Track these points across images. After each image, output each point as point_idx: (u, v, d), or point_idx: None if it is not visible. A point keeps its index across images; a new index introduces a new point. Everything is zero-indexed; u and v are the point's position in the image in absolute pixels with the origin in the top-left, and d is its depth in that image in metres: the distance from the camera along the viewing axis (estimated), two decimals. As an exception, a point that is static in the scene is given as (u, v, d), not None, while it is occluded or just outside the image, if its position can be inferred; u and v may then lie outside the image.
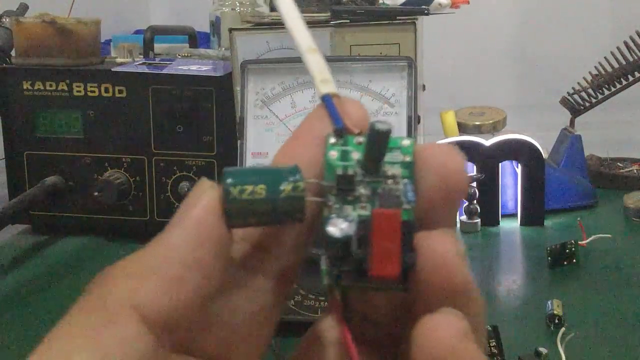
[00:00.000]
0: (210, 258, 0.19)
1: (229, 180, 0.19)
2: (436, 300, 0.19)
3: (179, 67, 0.76)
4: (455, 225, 0.72)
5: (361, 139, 0.21)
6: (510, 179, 0.80)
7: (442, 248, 0.19)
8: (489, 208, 0.78)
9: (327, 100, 0.21)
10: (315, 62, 0.21)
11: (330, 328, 0.21)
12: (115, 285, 0.18)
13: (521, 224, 0.79)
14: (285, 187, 0.19)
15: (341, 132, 0.21)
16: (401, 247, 0.19)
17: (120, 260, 0.19)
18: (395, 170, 0.20)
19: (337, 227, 0.19)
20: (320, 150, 0.21)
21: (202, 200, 0.19)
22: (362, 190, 0.20)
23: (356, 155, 0.20)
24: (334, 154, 0.20)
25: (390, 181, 0.20)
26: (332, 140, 0.21)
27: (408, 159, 0.20)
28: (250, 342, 0.21)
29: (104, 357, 0.17)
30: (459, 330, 0.18)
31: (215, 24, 1.05)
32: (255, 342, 0.21)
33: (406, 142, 0.21)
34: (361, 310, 0.22)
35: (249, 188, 0.19)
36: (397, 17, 0.62)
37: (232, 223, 0.19)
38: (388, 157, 0.20)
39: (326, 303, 0.22)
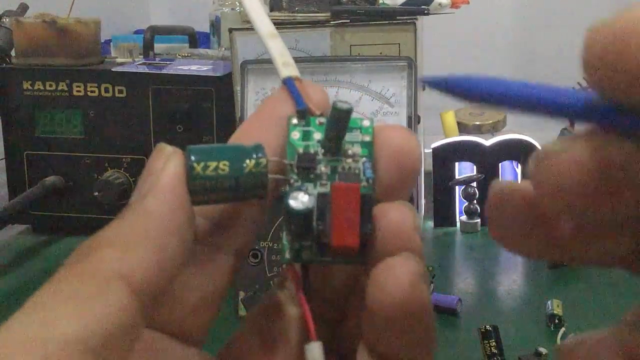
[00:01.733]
0: (186, 225, 0.19)
1: (193, 157, 0.20)
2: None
3: (179, 67, 0.76)
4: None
5: (323, 119, 0.21)
6: (510, 179, 0.80)
7: (399, 217, 0.20)
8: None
9: (289, 83, 0.22)
10: (276, 47, 0.22)
11: (287, 301, 0.22)
12: (102, 255, 0.18)
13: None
14: (249, 163, 0.20)
15: (303, 114, 0.21)
16: (360, 218, 0.20)
17: (101, 230, 0.19)
18: (355, 149, 0.21)
19: (298, 201, 0.20)
20: (281, 130, 0.21)
21: (170, 167, 0.19)
22: (322, 169, 0.21)
23: (317, 135, 0.21)
24: (296, 134, 0.21)
25: (349, 160, 0.21)
26: (295, 121, 0.21)
27: (367, 138, 0.21)
28: (202, 315, 0.21)
29: (93, 326, 0.16)
30: (417, 270, 0.19)
31: (215, 24, 1.05)
32: (207, 316, 0.21)
33: (366, 122, 0.21)
34: (317, 288, 0.22)
35: (213, 164, 0.20)
36: (397, 17, 0.62)
37: (196, 199, 0.20)
38: (348, 136, 0.21)
39: (281, 276, 0.22)
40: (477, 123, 0.83)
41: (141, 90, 0.73)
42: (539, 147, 0.77)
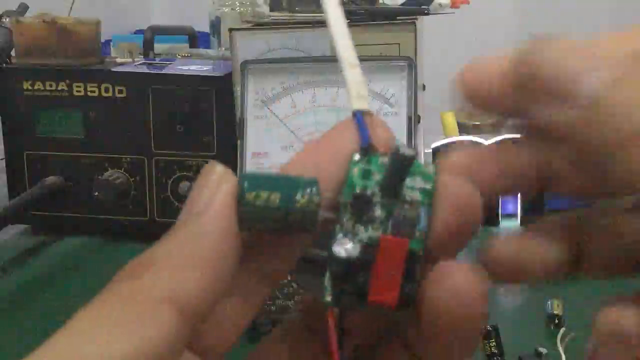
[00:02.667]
0: (235, 249, 0.19)
1: (245, 185, 0.19)
2: (445, 331, 0.19)
3: (179, 67, 0.76)
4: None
5: (385, 160, 0.20)
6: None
7: (466, 286, 0.19)
8: (489, 208, 0.78)
9: (359, 117, 0.21)
10: (354, 77, 0.21)
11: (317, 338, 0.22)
12: (153, 275, 0.18)
13: (521, 224, 0.79)
14: (301, 198, 0.19)
15: (367, 151, 0.20)
16: (403, 276, 0.19)
17: (153, 246, 0.18)
18: (414, 195, 0.20)
19: (343, 247, 0.19)
20: (342, 164, 0.20)
21: (223, 189, 0.19)
22: (377, 212, 0.20)
23: (377, 176, 0.20)
24: (355, 171, 0.20)
25: (407, 206, 0.20)
26: (356, 157, 0.20)
27: (429, 186, 0.20)
28: (230, 340, 0.21)
29: (142, 348, 0.16)
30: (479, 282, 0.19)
31: (215, 24, 1.05)
32: (232, 341, 0.21)
33: (430, 168, 0.20)
34: (352, 332, 0.22)
35: (264, 195, 0.19)
36: (397, 17, 0.62)
37: (242, 226, 0.19)
38: (409, 181, 0.20)
39: (321, 319, 0.22)
40: (477, 123, 0.83)
41: (141, 90, 0.73)
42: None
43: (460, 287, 0.19)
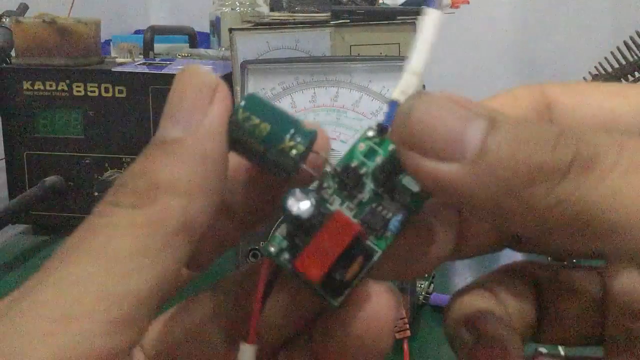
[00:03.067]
0: (226, 169, 0.19)
1: (243, 103, 0.19)
2: (352, 346, 0.19)
3: (179, 67, 0.76)
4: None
5: (394, 148, 0.20)
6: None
7: (384, 310, 0.19)
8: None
9: (392, 104, 0.20)
10: (409, 80, 0.21)
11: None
12: (162, 205, 0.17)
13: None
14: (287, 141, 0.18)
15: (383, 132, 0.20)
16: (338, 259, 0.18)
17: (150, 162, 0.19)
18: (404, 197, 0.19)
19: (298, 204, 0.18)
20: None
21: (220, 108, 0.18)
22: (361, 194, 0.19)
23: (380, 160, 0.20)
24: (362, 146, 0.20)
25: (389, 203, 0.19)
26: (370, 133, 0.20)
27: (420, 192, 0.19)
28: (213, 254, 0.21)
29: (163, 283, 0.17)
30: None
31: (215, 24, 1.05)
32: (215, 256, 0.21)
33: None
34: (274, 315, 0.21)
35: (256, 121, 0.18)
36: (397, 17, 0.62)
37: (229, 143, 0.19)
38: (405, 180, 0.19)
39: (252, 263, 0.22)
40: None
41: (141, 90, 0.73)
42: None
43: (378, 311, 0.19)
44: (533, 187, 0.16)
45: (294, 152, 0.18)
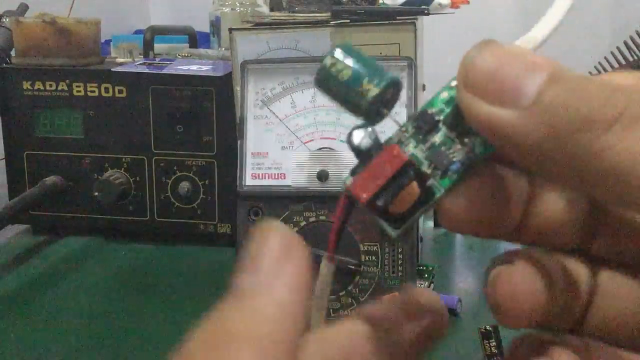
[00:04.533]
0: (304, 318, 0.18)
1: (334, 52, 0.21)
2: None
3: (179, 67, 0.76)
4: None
5: None
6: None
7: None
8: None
9: None
10: (520, 43, 0.22)
11: None
12: (236, 355, 0.17)
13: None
14: (364, 85, 0.20)
15: None
16: (386, 186, 0.20)
17: (227, 311, 0.17)
18: (472, 141, 0.20)
19: (360, 135, 0.21)
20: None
21: (297, 260, 0.18)
22: (434, 138, 0.20)
23: (455, 107, 0.20)
24: (445, 94, 0.21)
25: (460, 147, 0.20)
26: (453, 83, 0.21)
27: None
28: None
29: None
30: None
31: (215, 24, 1.05)
32: None
33: None
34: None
35: (340, 66, 0.21)
36: (397, 17, 0.62)
37: (317, 84, 0.21)
38: None
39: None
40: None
41: (141, 90, 0.73)
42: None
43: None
44: (578, 134, 0.17)
45: (369, 94, 0.20)
